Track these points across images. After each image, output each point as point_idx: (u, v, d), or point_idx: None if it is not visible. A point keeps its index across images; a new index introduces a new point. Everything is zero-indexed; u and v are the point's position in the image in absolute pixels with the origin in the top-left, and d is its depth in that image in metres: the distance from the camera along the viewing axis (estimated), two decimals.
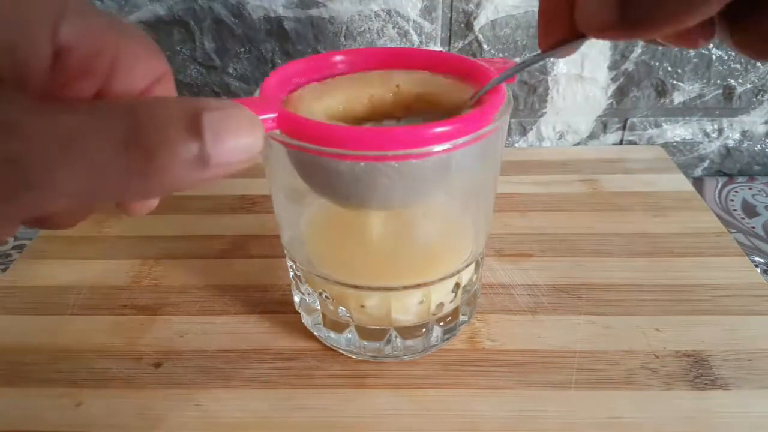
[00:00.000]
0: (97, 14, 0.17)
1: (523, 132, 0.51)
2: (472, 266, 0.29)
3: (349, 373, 0.30)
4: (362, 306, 0.28)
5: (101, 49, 0.16)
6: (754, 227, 0.43)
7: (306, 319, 0.31)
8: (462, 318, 0.31)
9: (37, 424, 0.28)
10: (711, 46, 0.46)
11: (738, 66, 0.47)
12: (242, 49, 0.47)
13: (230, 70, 0.48)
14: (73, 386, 0.30)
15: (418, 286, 0.27)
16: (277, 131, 0.22)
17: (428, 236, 0.28)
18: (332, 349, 0.31)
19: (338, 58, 0.28)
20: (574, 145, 0.52)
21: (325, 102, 0.26)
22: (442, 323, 0.30)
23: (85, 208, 0.17)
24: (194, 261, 0.38)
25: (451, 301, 0.29)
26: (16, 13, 0.15)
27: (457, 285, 0.29)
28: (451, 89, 0.26)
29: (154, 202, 0.19)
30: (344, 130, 0.22)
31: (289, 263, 0.31)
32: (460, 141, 0.22)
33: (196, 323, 0.33)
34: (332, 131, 0.22)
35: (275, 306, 0.34)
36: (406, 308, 0.28)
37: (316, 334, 0.31)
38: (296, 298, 0.32)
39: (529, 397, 0.28)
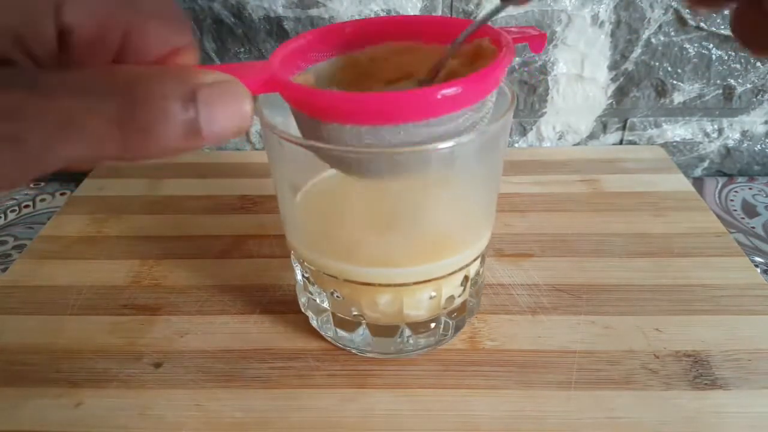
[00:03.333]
0: None
1: (523, 132, 0.51)
2: (479, 259, 0.30)
3: (349, 373, 0.30)
4: (375, 303, 0.28)
5: (108, 28, 0.17)
6: (754, 227, 0.43)
7: (314, 320, 0.31)
8: (470, 309, 0.31)
9: (37, 424, 0.28)
10: (711, 46, 0.46)
11: (738, 66, 0.47)
12: (242, 49, 0.47)
13: None
14: (73, 386, 0.30)
15: (429, 281, 0.27)
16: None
17: (437, 226, 0.28)
18: (332, 349, 0.31)
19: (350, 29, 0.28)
20: (574, 145, 0.52)
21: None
22: (452, 315, 0.30)
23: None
24: (194, 261, 0.38)
25: (459, 295, 0.30)
26: (15, 2, 0.15)
27: (466, 278, 0.29)
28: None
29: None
30: (336, 95, 0.22)
31: (296, 265, 0.31)
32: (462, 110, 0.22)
33: (196, 323, 0.33)
34: (324, 97, 0.21)
35: (275, 306, 0.34)
36: (418, 303, 0.28)
37: (325, 334, 0.31)
38: (302, 299, 0.32)
39: (529, 397, 0.28)
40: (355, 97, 0.22)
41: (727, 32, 0.45)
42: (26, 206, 0.48)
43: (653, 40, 0.46)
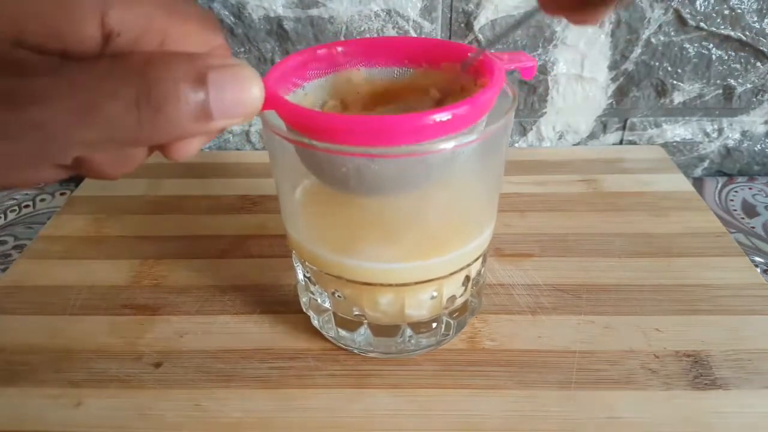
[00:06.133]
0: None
1: (523, 132, 0.51)
2: (480, 258, 0.30)
3: (349, 373, 0.30)
4: (377, 303, 0.28)
5: (149, 32, 0.18)
6: (754, 227, 0.43)
7: (315, 320, 0.31)
8: (471, 309, 0.31)
9: (37, 424, 0.28)
10: (711, 46, 0.46)
11: (738, 66, 0.47)
12: (242, 49, 0.47)
13: None
14: (73, 386, 0.30)
15: (430, 280, 0.27)
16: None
17: (438, 223, 0.28)
18: (332, 349, 0.31)
19: (342, 49, 0.28)
20: (574, 145, 0.52)
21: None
22: (453, 315, 0.30)
23: (118, 158, 0.19)
24: (194, 261, 0.38)
25: (461, 295, 0.30)
26: (62, 5, 0.16)
27: (467, 278, 0.29)
28: (454, 78, 0.26)
29: (191, 154, 0.20)
30: (333, 118, 0.22)
31: (297, 265, 0.31)
32: (463, 137, 0.22)
33: (196, 323, 0.33)
34: (321, 120, 0.21)
35: (275, 306, 0.34)
36: (420, 303, 0.28)
37: (325, 334, 0.31)
38: (303, 299, 0.32)
39: (529, 397, 0.28)
40: (349, 119, 0.22)
41: (727, 32, 0.45)
42: (26, 206, 0.48)
43: (653, 40, 0.46)
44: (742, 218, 0.44)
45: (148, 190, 0.46)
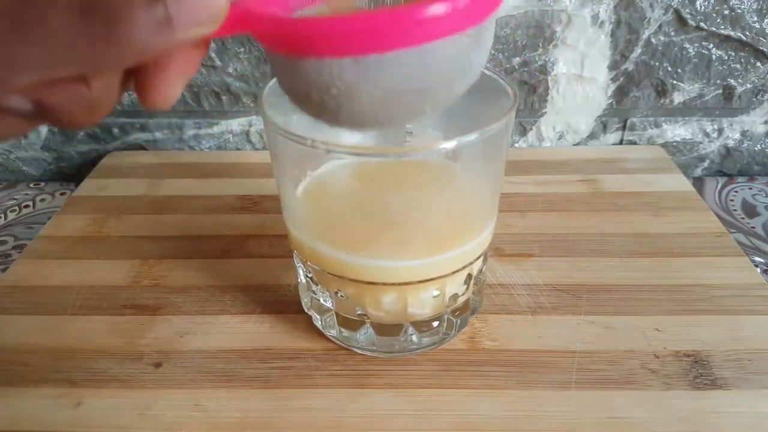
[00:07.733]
0: None
1: (523, 132, 0.51)
2: (482, 257, 0.30)
3: (349, 373, 0.30)
4: (379, 303, 0.28)
5: None
6: (754, 227, 0.43)
7: (317, 320, 0.31)
8: (473, 307, 0.31)
9: (37, 424, 0.28)
10: (711, 46, 0.46)
11: (738, 66, 0.47)
12: (242, 49, 0.47)
13: (230, 70, 0.48)
14: (73, 386, 0.30)
15: (433, 279, 0.27)
16: None
17: (439, 221, 0.28)
18: (332, 349, 0.31)
19: None
20: (574, 145, 0.52)
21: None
22: (455, 314, 0.30)
23: (83, 99, 0.17)
24: (194, 261, 0.38)
25: (463, 293, 0.30)
26: None
27: (469, 276, 0.29)
28: None
29: (171, 95, 0.18)
30: (310, 21, 0.18)
31: (299, 265, 0.31)
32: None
33: (196, 323, 0.33)
34: (299, 27, 0.18)
35: (275, 306, 0.34)
36: (423, 302, 0.28)
37: (328, 333, 0.31)
38: (305, 299, 0.32)
39: (529, 397, 0.28)
40: (334, 21, 0.18)
41: (727, 32, 0.45)
42: (26, 206, 0.48)
43: (653, 40, 0.46)
44: (742, 218, 0.44)
45: (148, 190, 0.46)
